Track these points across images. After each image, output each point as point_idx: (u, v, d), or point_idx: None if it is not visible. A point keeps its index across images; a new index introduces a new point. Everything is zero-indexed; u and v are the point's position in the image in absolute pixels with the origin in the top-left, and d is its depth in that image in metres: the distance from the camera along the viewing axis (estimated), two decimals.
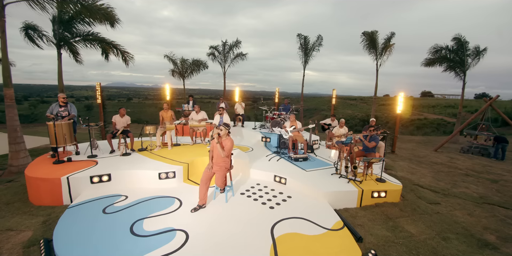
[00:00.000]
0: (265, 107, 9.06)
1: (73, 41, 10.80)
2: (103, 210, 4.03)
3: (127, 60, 11.87)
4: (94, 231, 3.45)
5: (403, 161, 7.93)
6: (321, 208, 4.24)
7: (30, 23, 10.31)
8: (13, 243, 3.44)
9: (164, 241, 3.22)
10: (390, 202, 4.69)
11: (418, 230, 3.82)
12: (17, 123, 6.32)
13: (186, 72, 19.16)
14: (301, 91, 16.15)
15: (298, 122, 6.85)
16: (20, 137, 6.39)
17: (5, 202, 4.65)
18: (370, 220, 4.09)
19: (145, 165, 5.20)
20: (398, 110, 8.77)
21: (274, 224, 3.68)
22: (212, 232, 3.45)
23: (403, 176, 6.27)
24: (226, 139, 4.14)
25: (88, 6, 6.97)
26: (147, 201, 4.37)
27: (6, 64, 6.08)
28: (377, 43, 13.02)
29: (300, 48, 14.83)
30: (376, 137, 5.33)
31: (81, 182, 4.59)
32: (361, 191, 4.57)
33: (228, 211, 4.04)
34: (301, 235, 3.42)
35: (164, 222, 3.67)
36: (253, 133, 8.57)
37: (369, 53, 13.49)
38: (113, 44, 11.31)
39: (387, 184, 4.87)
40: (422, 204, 4.68)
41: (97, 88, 9.85)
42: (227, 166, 4.18)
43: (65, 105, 5.69)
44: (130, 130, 6.29)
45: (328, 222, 3.78)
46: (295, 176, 5.15)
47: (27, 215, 4.19)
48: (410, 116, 26.21)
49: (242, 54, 18.13)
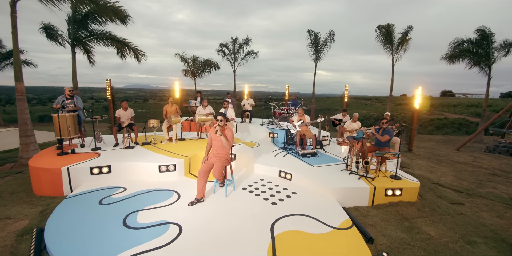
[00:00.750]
0: (273, 102, 8.77)
1: (86, 40, 11.06)
2: (100, 201, 3.93)
3: (139, 58, 12.03)
4: (86, 222, 3.33)
5: (421, 160, 7.36)
6: (328, 206, 3.90)
7: (47, 24, 10.71)
8: (8, 231, 3.39)
9: (156, 234, 3.03)
10: (406, 201, 4.26)
11: (438, 232, 3.40)
12: (27, 116, 6.44)
13: (198, 71, 19.28)
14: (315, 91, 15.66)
15: (306, 117, 6.51)
16: (30, 130, 6.50)
17: (10, 191, 4.68)
18: (383, 220, 3.70)
19: (145, 158, 5.08)
20: (416, 104, 8.18)
21: (275, 220, 3.39)
22: (207, 227, 3.22)
23: (421, 175, 5.76)
24: (225, 129, 3.92)
25: (96, 1, 7.02)
26: (145, 193, 4.23)
27: (17, 59, 6.22)
28: (393, 37, 12.38)
29: (311, 45, 14.40)
30: (390, 131, 4.90)
31: (81, 173, 4.54)
32: (373, 189, 4.17)
33: (227, 206, 3.80)
34: (304, 233, 3.11)
35: (158, 215, 3.49)
36: (261, 129, 8.31)
37: (384, 48, 12.87)
38: (124, 42, 11.49)
39: (403, 182, 4.44)
40: (443, 204, 4.21)
41: (107, 85, 9.97)
42: (227, 157, 3.95)
43: (71, 98, 5.71)
44: (134, 123, 6.23)
45: (335, 220, 3.44)
46: (301, 172, 4.83)
47: (27, 205, 4.16)
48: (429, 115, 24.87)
49: (253, 52, 17.94)
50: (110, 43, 11.53)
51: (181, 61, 18.55)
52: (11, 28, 5.96)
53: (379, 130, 5.01)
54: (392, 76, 13.31)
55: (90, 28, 10.88)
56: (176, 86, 12.05)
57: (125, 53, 11.58)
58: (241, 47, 17.15)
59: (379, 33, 12.54)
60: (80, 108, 5.77)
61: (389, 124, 6.30)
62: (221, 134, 3.72)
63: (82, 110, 5.86)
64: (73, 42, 10.83)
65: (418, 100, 8.07)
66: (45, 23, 10.68)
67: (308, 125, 6.39)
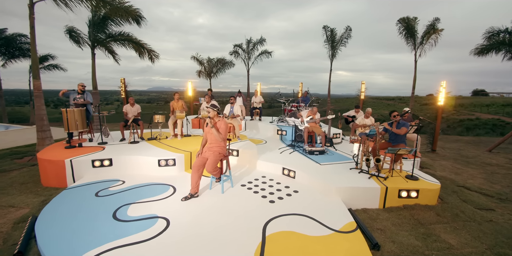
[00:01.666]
0: (283, 99, 8.46)
1: (105, 41, 11.54)
2: (96, 193, 3.91)
3: (153, 58, 12.33)
4: (79, 212, 3.30)
5: (445, 161, 6.65)
6: (332, 206, 3.54)
7: (70, 27, 11.34)
8: (7, 219, 3.46)
9: (142, 228, 2.92)
10: (424, 204, 3.77)
11: (460, 241, 2.91)
12: (43, 112, 6.73)
13: (212, 71, 19.48)
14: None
15: (318, 114, 6.14)
16: (46, 126, 6.78)
17: (21, 182, 4.85)
18: (395, 225, 3.28)
19: (147, 152, 5.04)
20: (440, 100, 7.44)
21: (270, 220, 3.12)
22: (195, 223, 3.03)
23: (444, 176, 5.16)
24: (218, 121, 3.72)
25: (109, 2, 7.19)
26: (141, 187, 4.16)
27: (34, 58, 6.53)
28: (416, 30, 11.51)
29: (327, 41, 13.85)
30: (405, 123, 4.40)
31: (83, 166, 4.58)
32: (385, 189, 3.74)
33: (221, 202, 3.59)
34: (299, 234, 2.81)
35: (149, 209, 3.38)
36: (270, 127, 8.03)
37: (407, 43, 12.01)
38: (139, 43, 11.83)
39: (420, 182, 3.95)
40: (468, 209, 3.66)
41: (121, 83, 10.29)
42: (222, 151, 3.74)
43: (82, 93, 5.87)
44: (140, 119, 6.27)
45: (337, 222, 3.09)
46: (306, 170, 4.50)
47: (32, 195, 4.27)
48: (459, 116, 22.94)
49: (267, 52, 17.73)
50: (127, 44, 11.96)
51: (197, 63, 18.86)
52: (29, 28, 6.27)
53: (392, 124, 4.53)
54: (414, 73, 12.39)
55: (108, 31, 11.35)
56: (189, 85, 12.20)
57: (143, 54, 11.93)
58: (255, 47, 17.01)
59: (400, 27, 11.73)
60: (89, 102, 5.91)
61: (407, 119, 5.74)
62: (212, 126, 3.54)
63: (93, 106, 6.01)
64: (93, 44, 11.35)
65: (442, 96, 7.33)
66: (68, 26, 11.33)
67: (317, 122, 6.03)
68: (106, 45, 11.69)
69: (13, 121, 18.01)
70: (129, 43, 11.86)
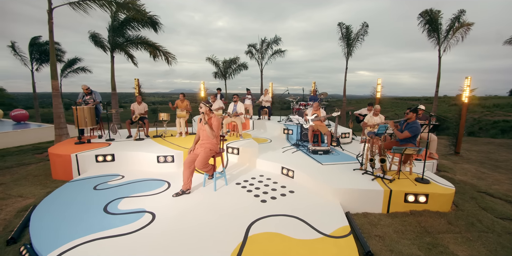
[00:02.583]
0: (291, 97, 8.23)
1: (123, 44, 12.10)
2: (95, 186, 4.01)
3: (169, 61, 12.69)
4: (73, 204, 3.41)
5: (469, 164, 5.99)
6: (327, 209, 3.29)
7: (93, 32, 12.06)
8: (13, 207, 3.66)
9: (128, 221, 2.93)
10: (435, 211, 3.37)
11: (472, 254, 2.53)
12: (61, 110, 7.15)
13: (227, 72, 19.70)
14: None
15: (322, 111, 5.86)
16: (63, 123, 7.20)
17: (34, 174, 5.16)
18: (397, 232, 2.95)
19: (148, 149, 5.11)
20: (464, 97, 6.74)
21: (257, 220, 2.96)
22: (180, 218, 2.99)
23: (463, 180, 4.62)
24: (210, 117, 3.64)
25: (121, 4, 7.49)
26: (138, 182, 4.21)
27: (53, 60, 6.96)
28: (439, 24, 10.66)
29: (342, 39, 13.33)
30: (415, 125, 3.99)
31: (87, 160, 4.76)
32: (389, 192, 3.41)
33: (211, 200, 3.50)
34: (284, 237, 2.61)
35: (139, 203, 3.39)
36: (277, 126, 7.85)
37: (429, 38, 11.17)
38: (155, 46, 12.24)
39: (431, 186, 3.54)
40: (487, 218, 3.21)
41: (135, 84, 10.68)
42: (213, 148, 3.65)
43: (89, 93, 6.14)
44: (146, 117, 6.41)
45: (329, 226, 2.85)
46: (305, 169, 4.26)
47: (41, 186, 4.50)
48: (493, 117, 20.90)
49: (280, 51, 17.55)
50: (144, 47, 12.43)
51: (212, 64, 19.18)
52: (48, 32, 6.71)
53: (404, 123, 4.14)
54: (438, 70, 11.47)
55: (126, 34, 11.91)
56: (201, 86, 12.37)
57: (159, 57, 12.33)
58: (269, 46, 16.90)
59: (422, 20, 10.93)
60: (98, 102, 6.16)
61: (422, 118, 5.26)
62: (205, 123, 3.46)
63: (102, 104, 6.25)
64: (112, 48, 11.97)
65: (467, 93, 6.64)
66: (91, 31, 12.07)
67: (323, 120, 5.74)
68: (125, 48, 12.25)
69: (48, 121, 19.59)
70: (146, 46, 12.32)
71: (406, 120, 4.10)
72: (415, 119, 4.02)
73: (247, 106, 9.05)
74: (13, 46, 14.76)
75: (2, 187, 4.47)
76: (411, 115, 3.98)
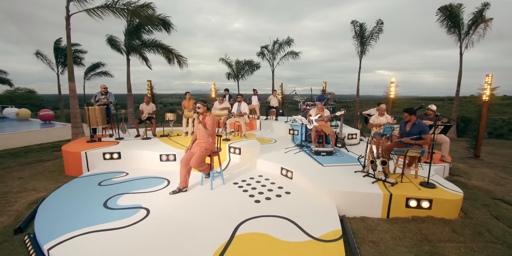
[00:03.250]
0: (298, 97, 8.11)
1: (138, 47, 12.60)
2: (100, 183, 4.20)
3: (181, 63, 13.04)
4: (76, 198, 3.61)
5: (489, 168, 5.55)
6: (321, 211, 3.19)
7: (110, 36, 12.68)
8: (26, 200, 3.93)
9: (124, 216, 3.05)
10: (439, 217, 3.15)
11: None
12: (77, 110, 7.58)
13: (240, 73, 19.87)
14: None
15: (326, 111, 5.72)
16: (79, 122, 7.62)
17: (50, 170, 5.51)
18: (394, 238, 2.80)
19: (152, 147, 5.27)
20: (485, 96, 6.25)
21: (247, 219, 2.94)
22: (172, 215, 3.07)
23: (478, 186, 4.29)
24: (205, 116, 3.67)
25: (133, 10, 7.78)
26: (140, 179, 4.35)
27: (70, 63, 7.40)
28: (461, 19, 10.01)
29: (355, 37, 12.93)
30: (422, 124, 3.75)
31: (95, 157, 5.00)
32: (389, 196, 3.24)
33: (205, 198, 3.54)
34: (271, 238, 2.57)
35: (137, 199, 3.51)
36: (284, 126, 7.76)
37: (449, 33, 10.53)
38: (168, 49, 12.62)
39: (437, 191, 3.32)
40: (498, 227, 2.94)
41: (148, 86, 11.06)
42: (209, 147, 3.68)
43: (105, 93, 6.45)
44: (154, 117, 6.62)
45: (319, 229, 2.76)
46: (304, 171, 4.17)
47: (53, 181, 4.79)
48: None
49: (294, 53, 17.38)
50: (157, 50, 12.86)
51: (225, 65, 19.42)
52: (66, 38, 7.15)
53: (405, 124, 3.92)
54: (460, 68, 10.78)
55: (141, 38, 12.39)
56: (212, 86, 12.57)
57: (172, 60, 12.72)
58: (281, 47, 16.81)
59: (441, 16, 10.32)
60: (109, 102, 6.45)
61: (433, 119, 4.95)
62: (199, 122, 3.50)
63: (112, 105, 6.55)
64: (128, 51, 12.50)
65: (487, 92, 6.16)
66: (108, 35, 12.70)
67: (326, 120, 5.59)
68: (140, 51, 12.74)
69: None
70: (159, 49, 12.74)
71: (406, 122, 3.87)
72: (416, 118, 3.79)
73: (255, 106, 9.05)
74: (38, 53, 15.82)
75: (20, 181, 4.81)
76: (410, 117, 3.75)
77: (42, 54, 15.72)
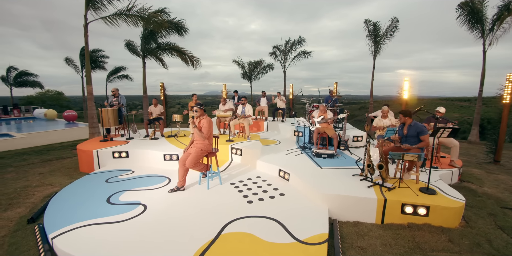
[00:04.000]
0: (305, 99, 8.03)
1: (154, 50, 13.16)
2: (107, 179, 4.48)
3: (194, 64, 13.45)
4: (83, 192, 3.91)
5: (508, 175, 5.15)
6: (312, 214, 3.17)
7: (128, 41, 13.34)
8: (43, 193, 4.30)
9: (123, 211, 3.25)
10: (437, 225, 3.01)
11: None
12: (94, 112, 8.08)
13: (253, 74, 20.05)
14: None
15: (329, 112, 5.63)
16: (95, 123, 8.13)
17: (67, 167, 5.94)
18: (384, 245, 2.72)
19: (158, 147, 5.51)
20: (505, 96, 5.81)
21: (235, 219, 3.00)
22: (166, 212, 3.23)
23: (489, 193, 4.01)
24: (202, 119, 3.79)
25: (144, 17, 8.15)
26: (144, 177, 4.58)
27: (88, 68, 7.92)
28: (483, 14, 9.37)
29: (368, 37, 12.53)
30: (419, 126, 3.58)
31: (105, 156, 5.32)
32: (383, 201, 3.15)
33: (200, 197, 3.66)
34: (255, 238, 2.61)
35: (137, 196, 3.72)
36: (290, 128, 7.74)
37: (470, 29, 9.89)
38: (181, 51, 13.07)
39: (437, 198, 3.17)
40: (501, 239, 2.75)
41: (161, 88, 11.50)
42: (204, 148, 3.79)
43: (117, 96, 6.83)
44: (162, 118, 6.90)
45: (306, 231, 2.75)
46: (301, 173, 4.16)
47: (68, 177, 5.17)
48: None
49: (305, 52, 17.22)
50: (172, 52, 13.34)
51: (238, 67, 19.69)
52: (84, 44, 7.66)
53: (403, 127, 3.77)
54: (483, 66, 10.06)
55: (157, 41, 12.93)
56: (223, 87, 12.81)
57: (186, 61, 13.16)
58: (292, 48, 16.73)
59: (462, 12, 9.71)
60: (122, 105, 6.82)
61: (441, 122, 4.71)
62: (194, 126, 3.64)
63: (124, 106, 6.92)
64: (144, 54, 13.09)
65: (508, 91, 5.72)
66: (126, 40, 13.39)
67: (330, 122, 5.51)
68: (156, 53, 13.29)
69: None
70: (174, 51, 13.22)
71: (403, 124, 3.72)
72: (412, 120, 3.62)
73: (263, 108, 9.09)
74: (68, 59, 17.01)
75: (40, 176, 5.24)
76: (404, 119, 3.60)
77: (71, 59, 16.88)
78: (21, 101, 25.79)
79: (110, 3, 7.48)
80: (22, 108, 16.93)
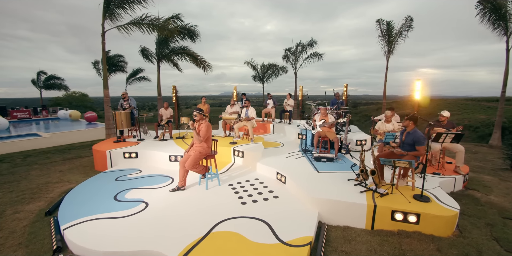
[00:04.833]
0: (311, 101, 8.04)
1: (167, 55, 13.71)
2: (116, 178, 4.84)
3: (205, 68, 13.87)
4: (93, 189, 4.28)
5: None
6: (301, 217, 3.25)
7: (143, 47, 14.00)
8: (61, 189, 4.74)
9: (126, 207, 3.54)
10: (428, 234, 2.97)
11: None
12: (110, 114, 8.61)
13: (265, 76, 20.18)
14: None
15: (330, 116, 5.64)
16: (111, 124, 8.65)
17: (84, 165, 6.44)
18: (369, 250, 2.75)
19: (165, 148, 5.82)
20: None
21: (226, 219, 3.17)
22: (164, 209, 3.47)
23: (494, 202, 3.84)
24: (201, 123, 3.99)
25: (156, 24, 8.55)
26: (150, 177, 4.89)
27: (105, 73, 8.49)
28: (507, 11, 8.81)
29: (381, 36, 12.19)
30: (418, 135, 3.51)
31: (117, 156, 5.71)
32: (373, 207, 3.16)
33: (198, 197, 3.88)
34: (242, 238, 2.75)
35: (141, 194, 4.01)
36: (295, 131, 7.80)
37: (492, 27, 9.34)
38: (193, 55, 13.52)
39: (429, 205, 3.13)
40: (493, 250, 2.67)
41: (173, 91, 11.96)
42: (202, 150, 3.99)
43: (126, 99, 7.26)
44: (171, 120, 7.24)
45: (291, 234, 2.85)
46: (296, 176, 4.24)
47: (83, 175, 5.61)
48: None
49: (317, 54, 17.05)
50: (185, 57, 13.83)
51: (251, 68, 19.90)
52: (102, 51, 8.22)
53: (403, 133, 3.72)
54: (506, 65, 9.47)
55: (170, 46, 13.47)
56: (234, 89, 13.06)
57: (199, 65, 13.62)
58: (303, 49, 16.64)
59: (482, 9, 9.20)
60: (133, 108, 7.24)
61: (447, 125, 4.56)
62: (193, 129, 3.84)
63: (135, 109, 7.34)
64: (158, 58, 13.69)
65: None
66: (141, 46, 14.06)
67: (330, 126, 5.51)
68: (170, 57, 13.84)
69: None
70: (186, 56, 13.69)
71: (405, 129, 3.67)
72: (414, 127, 3.57)
73: (270, 110, 9.21)
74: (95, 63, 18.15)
75: (60, 174, 5.74)
76: (407, 123, 3.55)
77: (98, 62, 18.04)
78: (50, 102, 27.80)
79: (126, 13, 7.98)
80: (49, 109, 18.30)
